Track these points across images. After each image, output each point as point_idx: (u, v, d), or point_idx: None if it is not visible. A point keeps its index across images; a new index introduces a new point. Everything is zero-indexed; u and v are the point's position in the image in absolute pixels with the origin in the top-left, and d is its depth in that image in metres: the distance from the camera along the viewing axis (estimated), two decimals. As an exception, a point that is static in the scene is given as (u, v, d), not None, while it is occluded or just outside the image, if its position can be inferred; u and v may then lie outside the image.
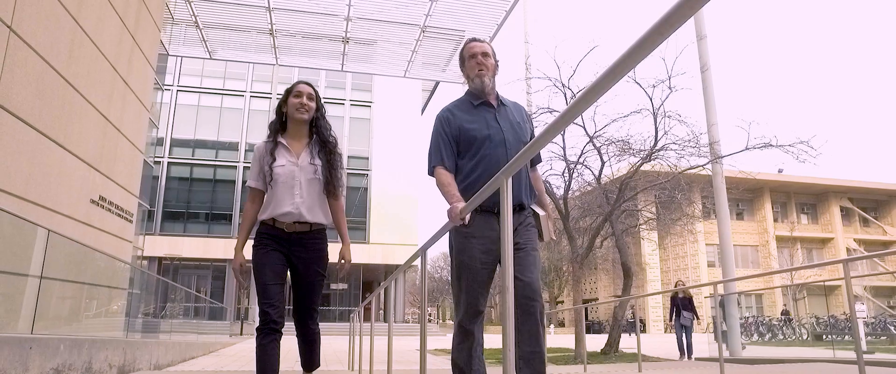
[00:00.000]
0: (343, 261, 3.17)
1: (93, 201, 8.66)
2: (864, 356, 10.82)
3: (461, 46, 3.07)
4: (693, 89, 10.12)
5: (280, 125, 3.21)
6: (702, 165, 10.11)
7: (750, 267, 38.15)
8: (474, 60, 2.91)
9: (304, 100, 3.15)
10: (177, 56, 21.58)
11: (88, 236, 8.16)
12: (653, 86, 9.87)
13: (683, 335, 11.03)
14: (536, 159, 3.13)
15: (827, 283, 39.50)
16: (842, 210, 42.21)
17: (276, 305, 2.96)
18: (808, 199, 42.77)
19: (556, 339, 22.75)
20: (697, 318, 10.87)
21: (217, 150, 32.38)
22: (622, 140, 10.20)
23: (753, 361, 9.58)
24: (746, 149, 9.58)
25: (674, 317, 11.22)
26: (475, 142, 2.82)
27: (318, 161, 3.12)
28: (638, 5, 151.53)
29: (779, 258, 37.20)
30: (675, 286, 10.39)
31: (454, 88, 23.02)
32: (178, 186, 31.84)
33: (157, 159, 29.43)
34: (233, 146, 32.37)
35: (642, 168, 10.92)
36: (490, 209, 2.73)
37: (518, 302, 2.63)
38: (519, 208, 2.81)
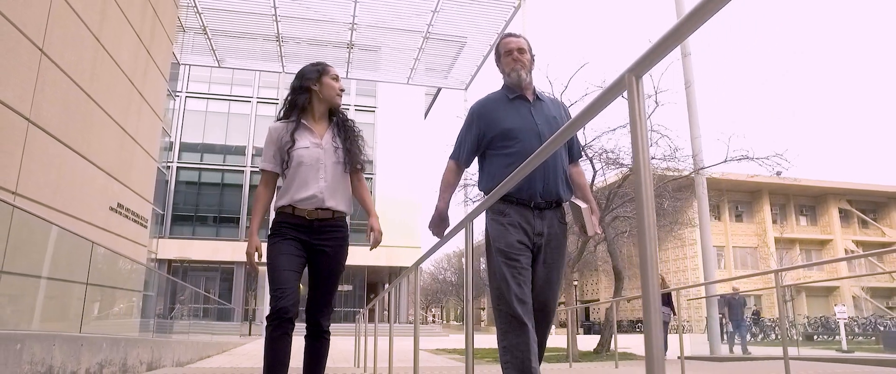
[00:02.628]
0: (373, 232, 2.98)
1: (111, 209, 9.14)
2: (844, 355, 11.30)
3: (497, 42, 3.05)
4: (677, 104, 10.66)
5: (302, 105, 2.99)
6: (685, 176, 10.61)
7: (748, 268, 38.45)
8: (510, 57, 2.88)
9: (341, 84, 3.03)
10: (187, 65, 22.16)
11: (108, 241, 8.63)
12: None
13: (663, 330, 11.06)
14: (576, 154, 3.04)
15: (823, 283, 39.74)
16: (840, 212, 42.32)
17: (290, 294, 2.76)
18: (807, 201, 42.89)
19: (555, 339, 23.28)
20: (675, 314, 10.98)
21: (225, 154, 32.95)
22: (611, 151, 10.72)
23: (723, 359, 10.16)
24: (725, 161, 10.13)
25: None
26: (509, 135, 2.80)
27: (339, 143, 2.97)
28: (630, 20, 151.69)
29: (775, 260, 37.52)
30: None
31: (457, 94, 23.46)
32: (187, 190, 32.41)
33: (166, 164, 30.01)
34: (240, 151, 32.95)
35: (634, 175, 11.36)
36: (525, 203, 2.72)
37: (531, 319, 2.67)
38: (556, 203, 2.80)
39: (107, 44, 8.52)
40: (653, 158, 10.79)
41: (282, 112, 3.04)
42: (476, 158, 2.99)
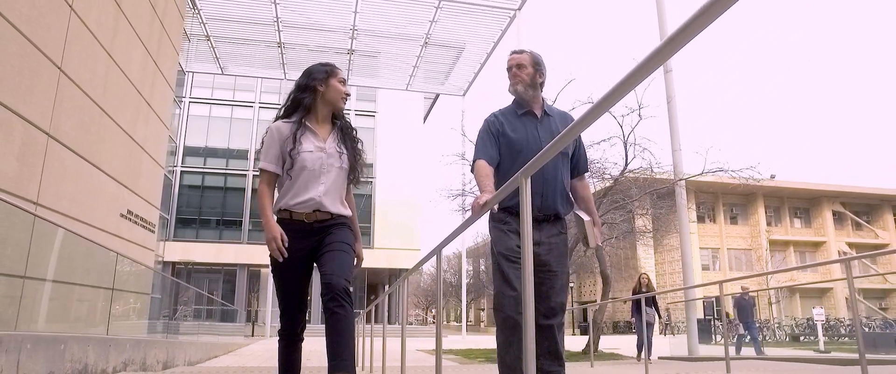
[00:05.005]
0: (356, 258, 2.95)
1: (122, 215, 9.55)
2: (821, 355, 11.72)
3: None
4: (658, 117, 11.14)
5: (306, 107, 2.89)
6: (666, 187, 11.10)
7: (743, 270, 38.86)
8: (510, 72, 2.99)
9: (347, 89, 2.99)
10: (191, 72, 22.60)
11: (120, 246, 9.02)
12: (623, 115, 10.93)
13: (645, 331, 10.78)
14: (582, 168, 3.10)
15: (815, 285, 40.10)
16: (834, 214, 42.72)
17: (299, 316, 2.85)
18: (801, 203, 43.28)
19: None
20: (660, 316, 10.96)
21: (228, 158, 33.43)
22: (596, 161, 11.22)
23: (698, 359, 10.60)
24: (703, 173, 10.67)
25: (634, 313, 10.80)
26: (513, 149, 2.87)
27: (343, 149, 2.90)
28: (628, 23, 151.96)
29: (765, 262, 37.91)
30: (639, 280, 10.78)
31: (456, 99, 23.90)
32: (191, 193, 32.87)
33: (171, 169, 30.44)
34: (242, 155, 33.42)
35: (628, 176, 11.88)
36: None
37: (537, 323, 2.63)
38: (554, 217, 2.85)
39: (118, 58, 8.92)
40: (637, 169, 11.30)
41: (283, 110, 2.96)
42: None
